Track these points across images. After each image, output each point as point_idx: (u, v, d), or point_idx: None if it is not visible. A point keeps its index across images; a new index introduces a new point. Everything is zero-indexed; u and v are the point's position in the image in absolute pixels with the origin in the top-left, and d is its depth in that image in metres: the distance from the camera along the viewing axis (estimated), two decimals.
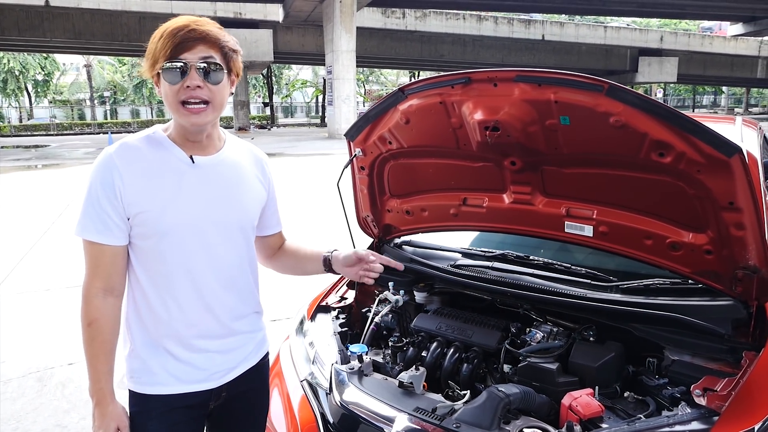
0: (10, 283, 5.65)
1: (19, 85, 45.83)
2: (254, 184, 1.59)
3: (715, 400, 1.44)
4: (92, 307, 1.40)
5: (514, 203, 2.00)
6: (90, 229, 1.38)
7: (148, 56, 1.38)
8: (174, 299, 1.44)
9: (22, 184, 13.30)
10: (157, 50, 1.35)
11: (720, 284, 1.67)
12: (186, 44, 1.33)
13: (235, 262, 1.53)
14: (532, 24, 36.20)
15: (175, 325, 1.45)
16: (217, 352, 1.52)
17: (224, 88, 1.41)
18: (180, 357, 1.47)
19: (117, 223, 1.38)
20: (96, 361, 1.41)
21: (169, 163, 1.43)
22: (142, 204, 1.38)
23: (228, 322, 1.53)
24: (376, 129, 2.04)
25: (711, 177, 1.50)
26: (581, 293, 1.86)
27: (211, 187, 1.47)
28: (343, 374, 1.78)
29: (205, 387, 1.50)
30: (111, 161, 1.38)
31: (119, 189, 1.36)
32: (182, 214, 1.41)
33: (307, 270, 1.81)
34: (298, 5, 26.04)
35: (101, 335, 1.40)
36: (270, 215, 1.71)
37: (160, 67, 1.35)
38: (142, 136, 1.45)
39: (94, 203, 1.37)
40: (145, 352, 1.47)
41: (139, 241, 1.41)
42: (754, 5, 32.00)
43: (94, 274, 1.40)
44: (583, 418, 1.46)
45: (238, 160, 1.55)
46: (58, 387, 3.49)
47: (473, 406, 1.52)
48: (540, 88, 1.61)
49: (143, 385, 1.47)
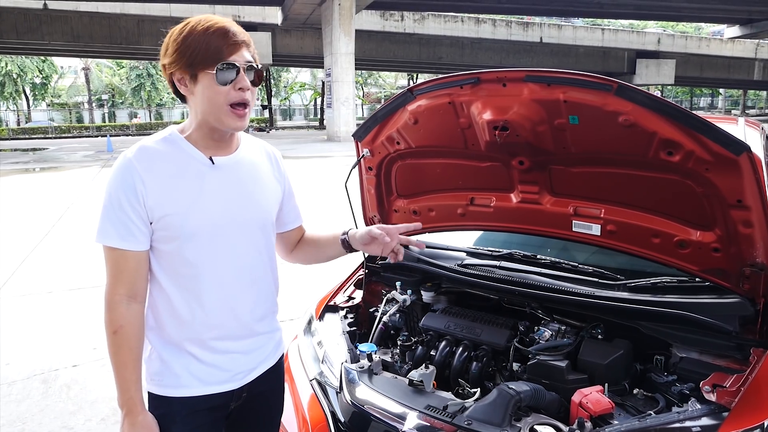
0: (13, 285, 5.65)
1: (17, 88, 45.72)
2: (270, 182, 1.59)
3: (724, 396, 1.45)
4: (117, 315, 1.37)
5: (522, 203, 2.01)
6: (112, 236, 1.35)
7: (181, 54, 1.33)
8: (198, 301, 1.43)
9: (21, 188, 13.28)
10: (199, 50, 1.32)
11: (727, 282, 1.69)
12: (236, 47, 1.34)
13: (256, 261, 1.53)
14: (530, 26, 36.31)
15: (198, 327, 1.44)
16: (239, 352, 1.52)
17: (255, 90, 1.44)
18: (203, 359, 1.46)
19: (140, 227, 1.36)
20: (124, 369, 1.38)
21: (189, 165, 1.41)
22: (166, 207, 1.36)
23: (250, 323, 1.53)
24: (384, 129, 2.05)
25: (719, 175, 1.52)
26: (589, 292, 1.87)
27: (232, 188, 1.46)
28: (354, 373, 1.79)
29: (228, 388, 1.50)
30: (131, 165, 1.36)
31: (141, 193, 1.34)
32: (205, 216, 1.41)
33: (329, 255, 1.78)
34: (297, 8, 26.08)
35: (128, 343, 1.37)
36: (288, 210, 1.70)
37: (208, 68, 1.32)
38: (159, 138, 1.43)
39: (115, 208, 1.35)
40: (167, 355, 1.45)
41: (161, 244, 1.40)
42: (751, 7, 32.11)
43: (118, 280, 1.37)
44: (593, 415, 1.47)
45: (253, 159, 1.55)
46: (63, 389, 3.49)
47: (484, 403, 1.54)
48: (549, 88, 1.62)
49: (166, 388, 1.45)
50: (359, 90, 53.92)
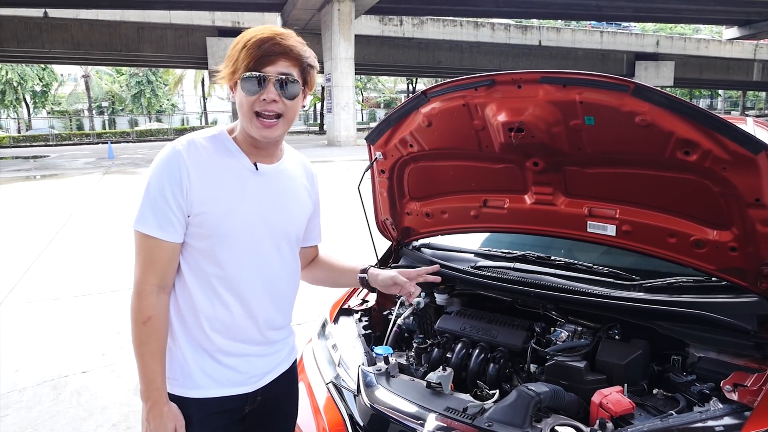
0: (19, 292, 5.65)
1: (17, 96, 45.80)
2: (304, 196, 1.60)
3: (746, 395, 1.45)
4: (148, 304, 1.37)
5: (536, 204, 2.01)
6: (151, 223, 1.35)
7: (228, 63, 1.38)
8: (220, 301, 1.44)
9: (23, 195, 13.29)
10: (239, 59, 1.35)
11: (745, 281, 1.68)
12: (268, 57, 1.34)
13: (283, 272, 1.54)
14: (529, 30, 36.42)
15: (217, 327, 1.45)
16: (255, 355, 1.53)
17: (298, 102, 1.42)
18: (220, 360, 1.47)
19: (180, 219, 1.36)
20: (152, 360, 1.38)
21: (234, 167, 1.43)
22: (206, 205, 1.37)
23: (267, 331, 1.54)
24: (397, 132, 2.06)
25: (737, 174, 1.52)
26: (605, 292, 1.87)
27: (270, 196, 1.48)
28: (371, 376, 1.79)
29: (243, 391, 1.50)
30: (179, 157, 1.36)
31: (186, 186, 1.35)
32: (242, 220, 1.42)
33: (340, 283, 1.84)
34: (297, 14, 26.14)
35: (157, 333, 1.38)
36: (313, 227, 1.72)
37: (239, 77, 1.35)
38: (208, 135, 1.44)
39: (158, 197, 1.35)
40: (186, 353, 1.45)
41: (193, 240, 1.40)
42: (749, 9, 32.20)
43: (150, 270, 1.37)
44: (614, 416, 1.47)
45: (293, 171, 1.57)
46: (73, 395, 3.48)
47: (504, 405, 1.53)
48: (565, 89, 1.63)
49: (182, 388, 1.45)
50: (359, 95, 53.98)
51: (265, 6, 27.59)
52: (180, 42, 30.32)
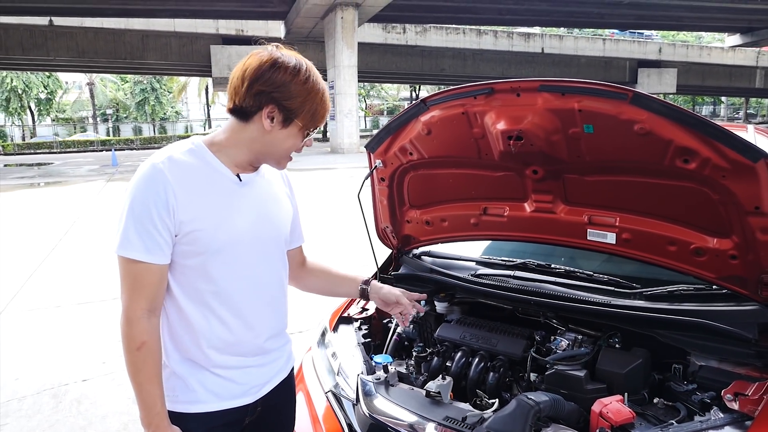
0: (21, 299, 5.66)
1: (22, 103, 46.06)
2: (284, 200, 1.61)
3: (747, 405, 1.44)
4: (140, 330, 1.33)
5: (536, 212, 2.01)
6: (138, 248, 1.30)
7: (307, 105, 1.39)
8: (216, 317, 1.42)
9: (27, 202, 13.33)
10: (317, 111, 1.41)
11: (745, 289, 1.68)
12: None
13: (275, 279, 1.54)
14: (532, 37, 36.49)
15: (215, 343, 1.43)
16: (254, 366, 1.52)
17: None
18: (219, 373, 1.45)
19: (167, 240, 1.32)
20: (149, 385, 1.34)
21: (218, 181, 1.41)
22: (196, 222, 1.34)
23: (265, 340, 1.53)
24: (397, 140, 2.06)
25: (736, 182, 1.51)
26: (605, 300, 1.86)
27: (255, 205, 1.47)
28: (370, 385, 1.78)
29: (244, 402, 1.49)
30: (162, 175, 1.31)
31: (173, 206, 1.31)
32: (233, 233, 1.40)
33: (337, 292, 1.84)
34: (300, 22, 26.26)
35: (152, 357, 1.35)
36: (294, 228, 1.71)
37: (307, 125, 1.41)
38: (185, 149, 1.40)
39: (143, 220, 1.30)
40: (182, 370, 1.43)
41: (183, 259, 1.37)
42: (751, 16, 32.24)
43: (139, 294, 1.33)
44: (614, 425, 1.46)
45: (270, 177, 1.58)
46: (73, 404, 3.48)
47: (503, 414, 1.52)
48: (564, 98, 1.63)
49: (182, 404, 1.43)
50: (362, 102, 54.10)
51: (269, 14, 27.73)
52: (184, 50, 30.47)
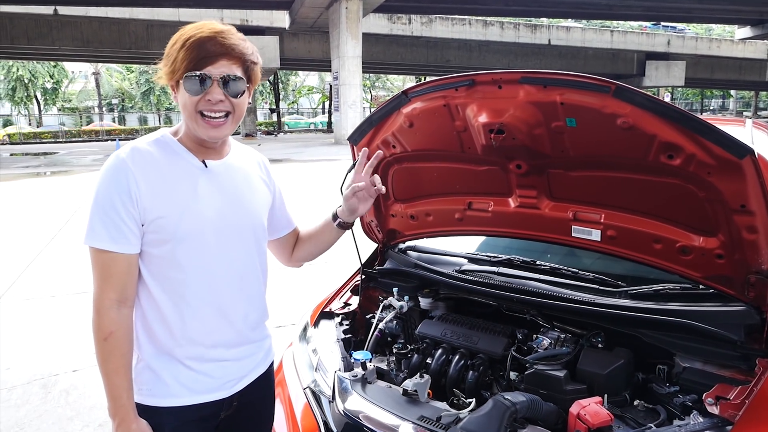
0: (17, 289, 5.66)
1: (28, 93, 46.18)
2: (260, 187, 1.59)
3: (728, 409, 1.39)
4: (108, 320, 1.34)
5: (520, 207, 1.96)
6: (103, 238, 1.32)
7: (167, 62, 1.35)
8: (189, 307, 1.41)
9: (31, 191, 13.37)
10: (178, 59, 1.32)
11: (732, 289, 1.63)
12: (209, 58, 1.32)
13: (248, 266, 1.52)
14: (539, 29, 36.17)
15: (190, 334, 1.42)
16: (230, 360, 1.50)
17: (244, 99, 1.40)
18: (193, 367, 1.44)
19: (132, 229, 1.33)
20: (115, 376, 1.35)
21: (182, 167, 1.41)
22: (160, 209, 1.35)
23: (242, 329, 1.51)
24: (379, 133, 2.01)
25: (722, 179, 1.46)
26: (589, 299, 1.82)
27: (224, 191, 1.46)
28: (346, 382, 1.75)
29: (219, 396, 1.47)
30: (125, 165, 1.33)
31: (135, 194, 1.32)
32: (199, 219, 1.39)
33: (327, 241, 1.79)
34: (305, 12, 26.13)
35: (119, 348, 1.35)
36: (280, 216, 1.72)
37: (180, 77, 1.33)
38: (151, 140, 1.42)
39: (107, 209, 1.31)
40: (156, 363, 1.42)
41: (151, 248, 1.37)
42: (762, 8, 31.78)
43: (107, 285, 1.34)
44: (591, 428, 1.42)
45: (243, 164, 1.56)
46: (62, 394, 3.47)
47: (479, 414, 1.49)
48: (545, 90, 1.58)
49: (154, 398, 1.42)
50: (367, 93, 53.96)
51: (274, 4, 27.61)
52: None
